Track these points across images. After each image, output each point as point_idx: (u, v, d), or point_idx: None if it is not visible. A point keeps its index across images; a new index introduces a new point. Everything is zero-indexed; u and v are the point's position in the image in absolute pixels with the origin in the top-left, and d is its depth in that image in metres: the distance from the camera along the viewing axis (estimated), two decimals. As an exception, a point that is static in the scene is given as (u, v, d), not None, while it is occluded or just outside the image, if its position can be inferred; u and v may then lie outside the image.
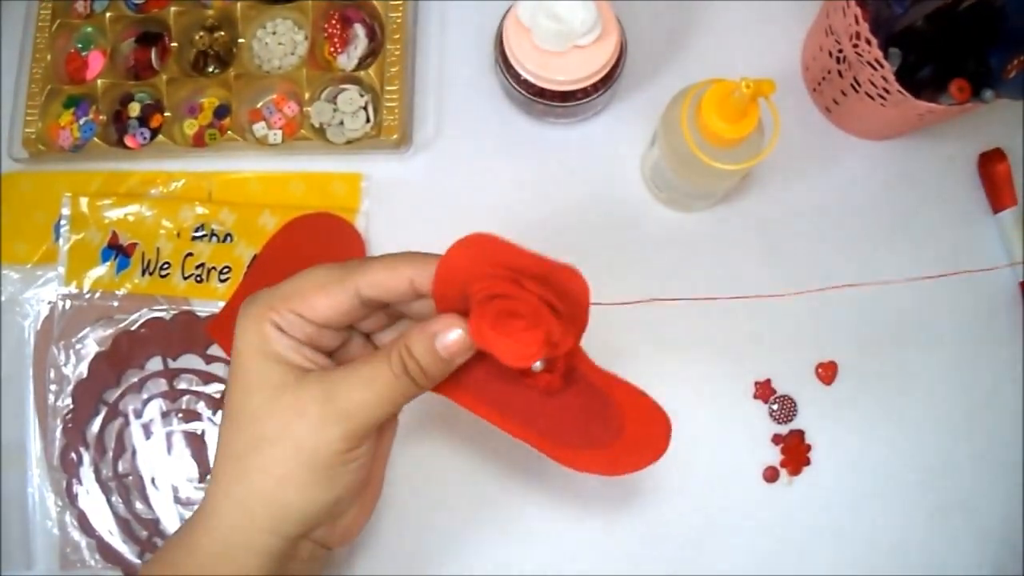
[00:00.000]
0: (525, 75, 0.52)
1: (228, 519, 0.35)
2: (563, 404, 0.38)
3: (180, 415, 0.56)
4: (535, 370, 0.36)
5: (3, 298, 0.58)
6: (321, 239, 0.57)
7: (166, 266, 0.57)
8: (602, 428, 0.39)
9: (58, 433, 0.56)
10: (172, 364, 0.56)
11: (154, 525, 0.55)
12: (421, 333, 0.35)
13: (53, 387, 0.56)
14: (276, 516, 0.35)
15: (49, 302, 0.58)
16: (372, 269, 0.35)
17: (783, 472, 0.54)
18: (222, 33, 0.60)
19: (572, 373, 0.38)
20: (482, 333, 0.34)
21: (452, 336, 0.35)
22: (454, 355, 0.35)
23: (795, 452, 0.54)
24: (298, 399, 0.34)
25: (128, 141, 0.59)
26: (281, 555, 0.36)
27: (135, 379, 0.56)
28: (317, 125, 0.58)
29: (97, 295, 0.57)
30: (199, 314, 0.57)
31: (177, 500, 0.55)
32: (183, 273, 0.57)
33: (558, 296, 0.33)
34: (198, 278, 0.57)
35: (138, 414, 0.56)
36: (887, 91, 0.49)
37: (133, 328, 0.57)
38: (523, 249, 0.33)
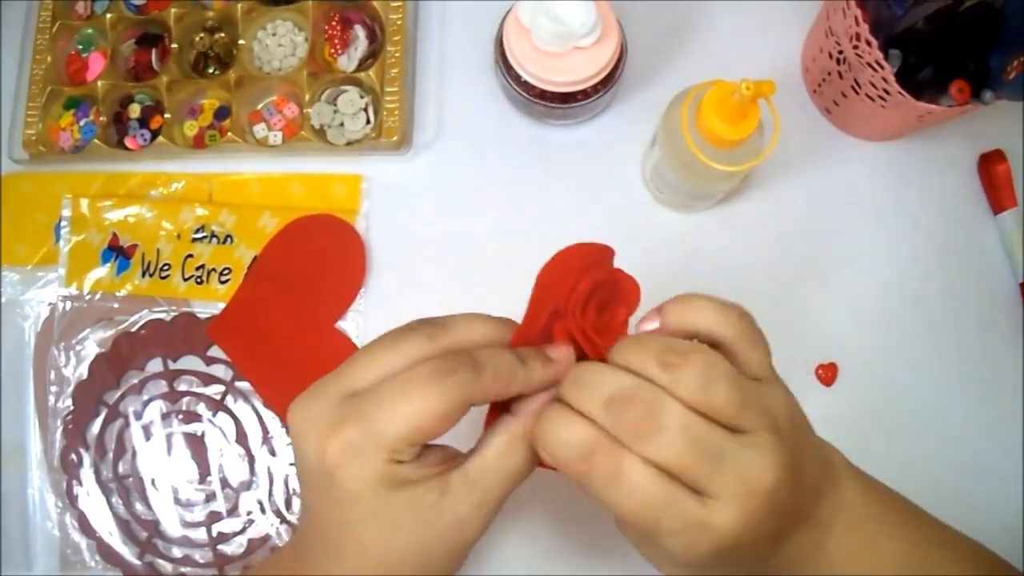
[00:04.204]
0: (525, 76, 0.52)
1: None
2: None
3: (180, 416, 0.56)
4: None
5: (3, 299, 0.58)
6: (321, 241, 0.57)
7: (166, 267, 0.57)
8: None
9: (58, 434, 0.56)
10: (172, 365, 0.56)
11: (154, 526, 0.55)
12: (542, 406, 0.35)
13: (53, 388, 0.56)
14: None
15: (49, 303, 0.58)
16: (489, 389, 0.34)
17: (783, 473, 0.53)
18: (222, 35, 0.60)
19: None
20: (592, 342, 0.36)
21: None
22: None
23: (795, 453, 0.53)
24: (456, 513, 0.34)
25: (128, 142, 0.59)
26: None
27: (135, 380, 0.56)
28: (317, 126, 0.58)
29: (97, 296, 0.57)
30: (199, 315, 0.57)
31: (177, 501, 0.55)
32: (183, 274, 0.57)
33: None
34: (198, 279, 0.57)
35: (138, 415, 0.56)
36: (887, 92, 0.49)
37: (133, 329, 0.57)
38: (582, 245, 0.37)
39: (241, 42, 0.58)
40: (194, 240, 0.57)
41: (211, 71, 0.60)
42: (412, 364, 0.34)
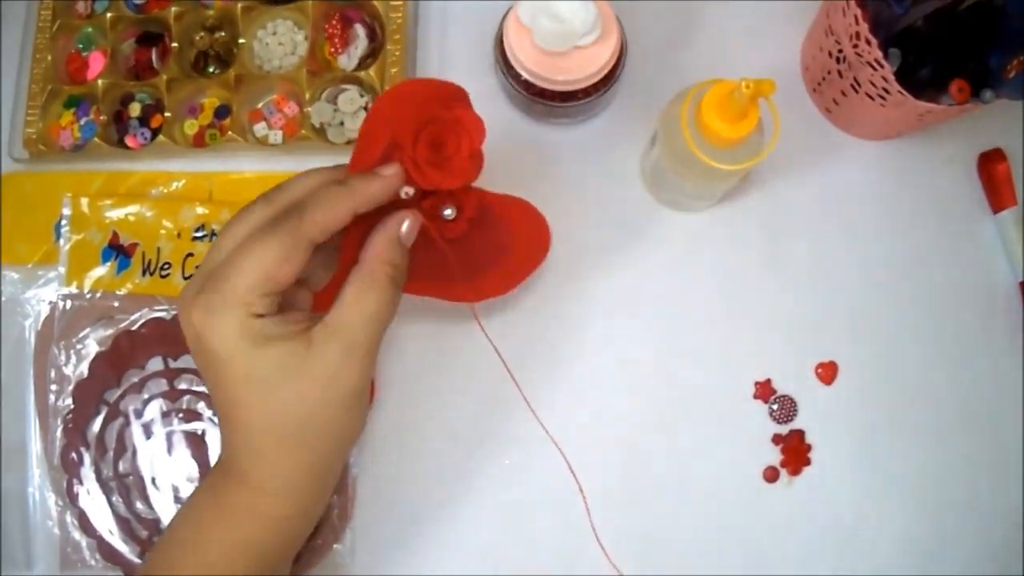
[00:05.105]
0: (525, 75, 0.52)
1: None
2: (469, 245, 0.43)
3: (180, 415, 0.56)
4: (448, 218, 0.41)
5: (3, 298, 0.58)
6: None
7: (167, 266, 0.57)
8: (496, 250, 0.44)
9: (59, 433, 0.56)
10: (173, 364, 0.56)
11: (154, 525, 0.55)
12: (389, 241, 0.39)
13: (54, 387, 0.56)
14: (333, 446, 0.39)
15: (50, 302, 0.58)
16: (317, 220, 0.37)
17: (783, 472, 0.54)
18: (222, 33, 0.60)
19: (478, 215, 0.43)
20: (424, 173, 0.39)
21: (408, 224, 0.39)
22: (411, 239, 0.40)
23: (795, 452, 0.54)
24: (324, 362, 0.36)
25: (129, 141, 0.59)
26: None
27: (136, 379, 0.56)
28: (318, 125, 0.58)
29: (98, 295, 0.57)
30: (199, 314, 0.57)
31: (177, 500, 0.55)
32: (184, 273, 0.57)
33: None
34: (198, 278, 0.57)
35: (139, 414, 0.56)
36: (887, 91, 0.49)
37: (134, 328, 0.57)
38: (426, 80, 0.40)
39: (241, 41, 0.59)
40: (194, 239, 0.57)
41: (211, 70, 0.60)
42: (256, 228, 0.37)
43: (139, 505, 0.55)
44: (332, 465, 0.41)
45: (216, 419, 0.55)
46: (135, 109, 0.60)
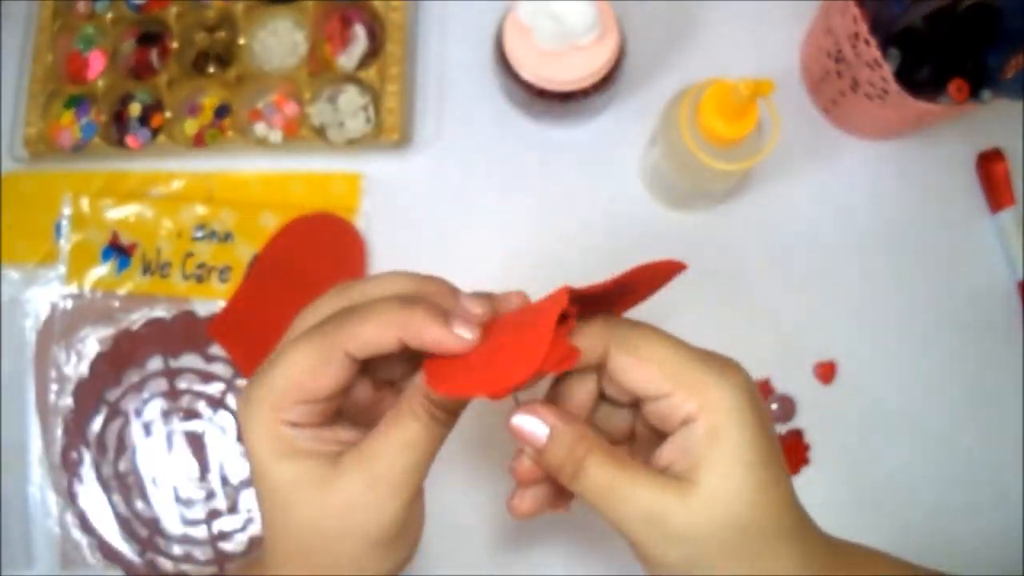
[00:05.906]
0: (525, 75, 0.52)
1: None
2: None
3: (181, 414, 0.56)
4: None
5: (4, 298, 0.58)
6: (321, 239, 0.57)
7: (167, 266, 0.57)
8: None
9: (59, 432, 0.56)
10: (173, 364, 0.57)
11: (154, 524, 0.55)
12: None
13: (54, 386, 0.56)
14: None
15: (50, 302, 0.58)
16: (358, 334, 0.32)
17: (782, 471, 0.54)
18: (222, 33, 0.60)
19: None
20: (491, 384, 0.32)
21: None
22: None
23: (794, 451, 0.54)
24: (345, 491, 0.33)
25: (129, 141, 0.59)
26: None
27: (136, 378, 0.56)
28: (317, 125, 0.58)
29: (98, 295, 0.57)
30: (199, 314, 0.57)
31: (177, 499, 0.55)
32: (184, 273, 0.57)
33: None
34: (199, 278, 0.57)
35: (139, 413, 0.56)
36: (886, 91, 0.49)
37: (134, 328, 0.57)
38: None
39: (241, 41, 0.59)
40: (194, 238, 0.57)
41: (211, 70, 0.60)
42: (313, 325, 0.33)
43: (139, 504, 0.55)
44: None
45: (215, 418, 0.56)
46: (135, 109, 0.60)
